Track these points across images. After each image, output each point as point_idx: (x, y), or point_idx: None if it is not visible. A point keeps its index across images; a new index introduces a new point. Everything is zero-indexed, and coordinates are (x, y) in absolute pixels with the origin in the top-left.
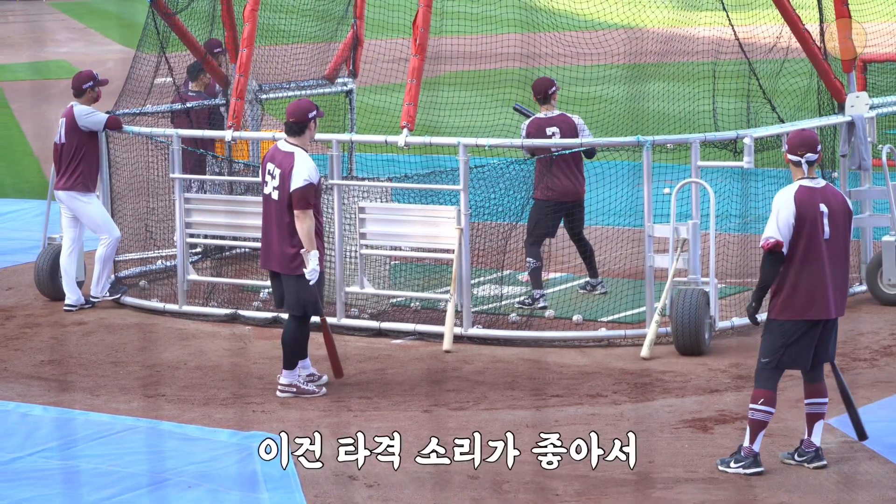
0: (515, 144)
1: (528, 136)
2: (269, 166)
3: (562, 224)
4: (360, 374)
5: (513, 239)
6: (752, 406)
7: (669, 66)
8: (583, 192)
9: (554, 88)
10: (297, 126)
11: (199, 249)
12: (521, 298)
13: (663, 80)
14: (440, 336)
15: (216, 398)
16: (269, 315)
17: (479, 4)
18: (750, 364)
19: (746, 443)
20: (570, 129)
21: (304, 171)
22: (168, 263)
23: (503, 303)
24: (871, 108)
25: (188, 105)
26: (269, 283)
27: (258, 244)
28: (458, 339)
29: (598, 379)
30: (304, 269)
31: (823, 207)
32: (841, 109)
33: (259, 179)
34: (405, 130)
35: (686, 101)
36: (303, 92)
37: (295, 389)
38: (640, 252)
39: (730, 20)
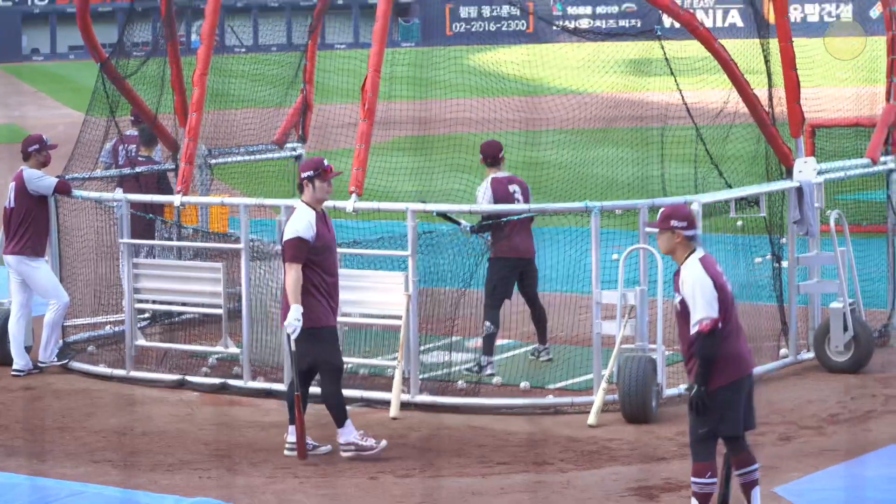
0: (464, 210)
1: (496, 193)
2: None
3: (515, 288)
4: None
5: (462, 305)
6: (697, 481)
7: (618, 131)
8: (534, 252)
9: (502, 152)
10: (298, 184)
11: (147, 315)
12: (470, 365)
13: (612, 145)
14: (387, 403)
15: (163, 463)
16: (216, 381)
17: (428, 70)
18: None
19: None
20: (525, 189)
21: (293, 225)
22: (116, 329)
23: (451, 369)
24: (819, 173)
25: (137, 170)
26: (217, 349)
27: (207, 310)
28: (405, 405)
29: (545, 447)
30: (284, 323)
31: (720, 267)
32: (789, 174)
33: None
34: (353, 196)
35: (634, 167)
36: (252, 157)
37: (354, 447)
38: (587, 318)
39: (678, 85)
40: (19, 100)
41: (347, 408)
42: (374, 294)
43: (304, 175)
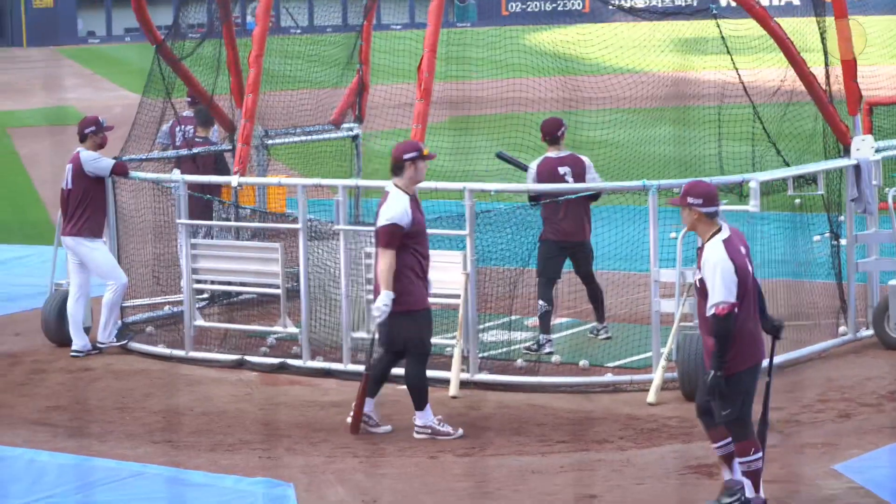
0: (521, 189)
1: (539, 175)
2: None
3: (570, 268)
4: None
5: (520, 284)
6: (743, 460)
7: (675, 110)
8: (588, 233)
9: (563, 129)
10: (394, 166)
11: (205, 295)
12: (528, 344)
13: (669, 124)
14: (447, 382)
15: (222, 444)
16: (275, 361)
17: (484, 49)
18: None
19: (750, 493)
20: (580, 170)
21: (388, 211)
22: (175, 309)
23: (511, 348)
24: (877, 151)
25: (194, 151)
26: (276, 328)
27: (266, 290)
28: (464, 384)
29: (604, 425)
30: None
31: (743, 250)
32: (846, 153)
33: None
34: None
35: (692, 146)
36: (308, 138)
37: (430, 431)
38: (645, 297)
39: (734, 63)
40: (76, 82)
41: (404, 386)
42: (433, 273)
43: (406, 157)
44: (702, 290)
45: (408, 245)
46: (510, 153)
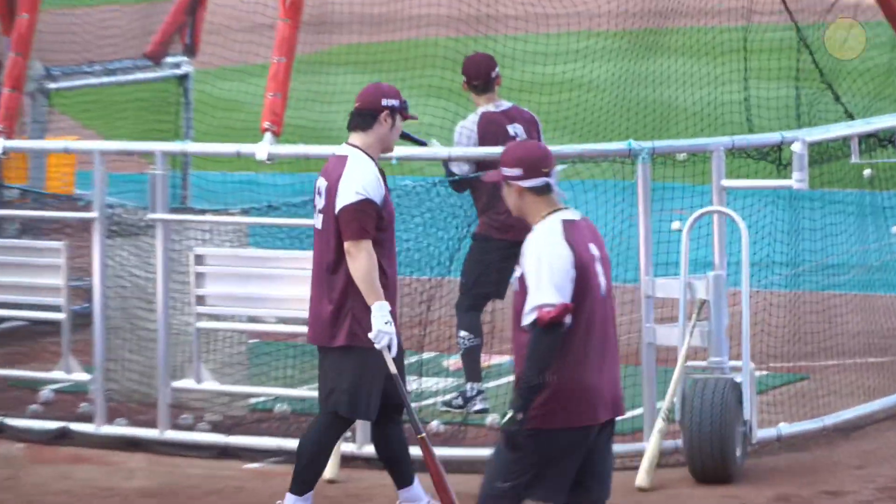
0: (441, 156)
1: (483, 136)
2: (319, 182)
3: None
4: None
5: (437, 304)
6: None
7: (678, 33)
8: None
9: (497, 70)
10: (363, 115)
11: None
12: (449, 397)
13: (669, 55)
14: None
15: None
16: (53, 426)
17: None
18: (805, 495)
19: None
20: (533, 129)
21: (357, 179)
22: None
23: (421, 403)
24: None
25: None
26: (55, 374)
27: (40, 314)
28: (347, 461)
29: None
30: (369, 334)
31: (594, 250)
32: None
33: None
34: (268, 136)
35: (705, 88)
36: (112, 79)
37: None
38: (633, 321)
39: None
40: None
41: (258, 465)
42: (299, 287)
43: (385, 103)
44: (520, 293)
45: (374, 240)
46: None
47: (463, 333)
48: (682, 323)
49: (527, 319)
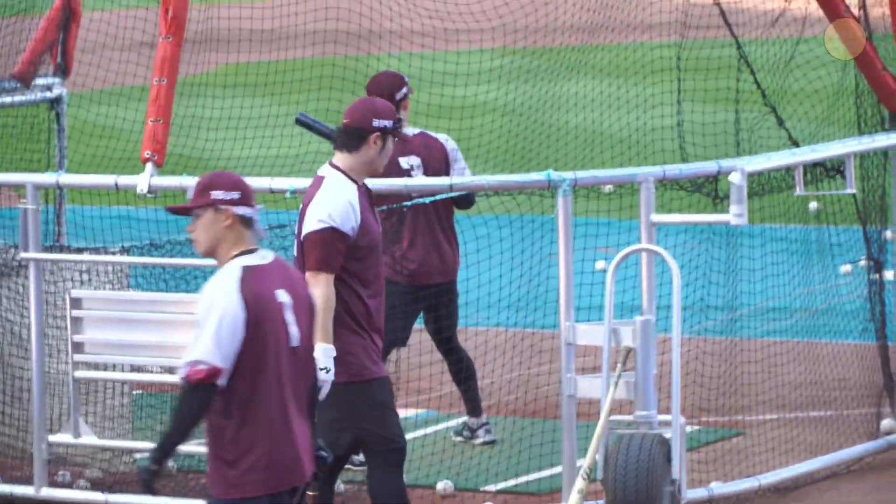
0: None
1: None
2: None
3: (420, 324)
4: None
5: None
6: None
7: (606, 49)
8: (454, 268)
9: (405, 90)
10: (350, 134)
11: None
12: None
13: (595, 74)
14: None
15: None
16: None
17: None
18: None
19: None
20: (437, 160)
21: (324, 205)
22: None
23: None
24: None
25: None
26: None
27: None
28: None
29: None
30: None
31: (284, 296)
32: (893, 122)
33: None
34: (149, 167)
35: (634, 111)
36: None
37: None
38: (552, 372)
39: None
40: None
41: None
42: (183, 332)
43: (377, 123)
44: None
45: (350, 270)
46: (309, 114)
47: None
48: (605, 373)
49: (180, 371)
